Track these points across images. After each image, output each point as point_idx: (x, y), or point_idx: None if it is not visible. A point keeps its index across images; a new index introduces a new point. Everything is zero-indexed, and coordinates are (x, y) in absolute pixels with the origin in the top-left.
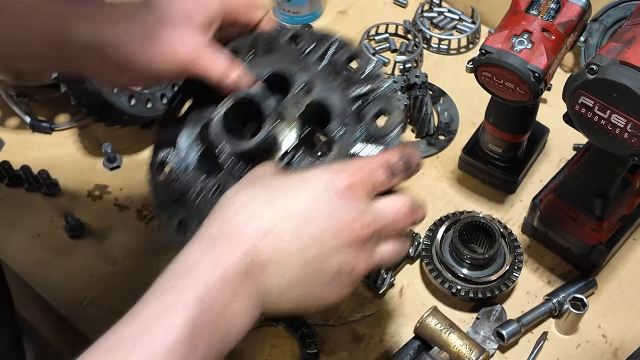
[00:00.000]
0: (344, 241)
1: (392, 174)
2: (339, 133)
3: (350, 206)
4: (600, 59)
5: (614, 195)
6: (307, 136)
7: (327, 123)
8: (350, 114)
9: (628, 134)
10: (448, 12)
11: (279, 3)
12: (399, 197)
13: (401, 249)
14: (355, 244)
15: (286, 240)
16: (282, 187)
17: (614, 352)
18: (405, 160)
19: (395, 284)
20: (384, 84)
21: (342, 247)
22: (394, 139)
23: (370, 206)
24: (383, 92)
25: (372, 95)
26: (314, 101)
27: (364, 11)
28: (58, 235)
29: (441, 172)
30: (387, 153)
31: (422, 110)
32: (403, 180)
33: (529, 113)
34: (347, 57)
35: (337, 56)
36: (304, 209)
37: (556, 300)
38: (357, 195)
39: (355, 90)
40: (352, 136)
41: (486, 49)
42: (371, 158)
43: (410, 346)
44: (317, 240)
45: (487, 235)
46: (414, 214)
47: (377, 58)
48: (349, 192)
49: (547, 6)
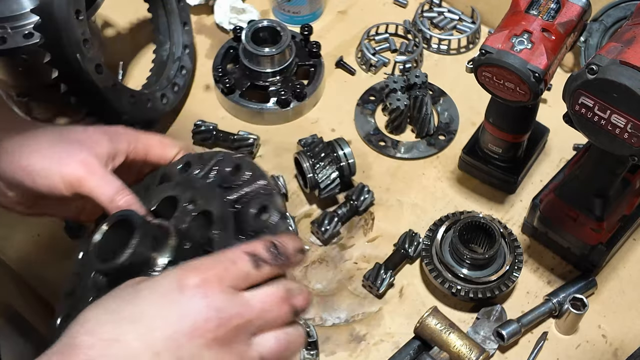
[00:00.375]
0: (201, 342)
1: (258, 264)
2: (216, 236)
3: (202, 304)
4: (600, 59)
5: (614, 195)
6: (189, 250)
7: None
8: (229, 216)
9: (628, 134)
10: (448, 12)
11: (279, 3)
12: (269, 286)
13: (289, 339)
14: (217, 343)
15: (135, 347)
16: (132, 293)
17: (614, 352)
18: (274, 248)
19: (395, 284)
20: (261, 182)
21: (201, 348)
22: (273, 228)
23: (233, 301)
24: (259, 190)
25: (249, 195)
26: (199, 211)
27: (364, 11)
28: (58, 236)
29: (441, 172)
30: (251, 243)
31: (422, 110)
32: (282, 269)
33: (529, 113)
34: (232, 167)
35: (222, 169)
36: (152, 312)
37: (556, 300)
38: (211, 291)
39: (233, 194)
40: (231, 237)
41: (486, 49)
42: (231, 250)
43: (410, 346)
44: (170, 345)
45: (487, 235)
46: (289, 300)
47: (377, 58)
48: (201, 288)
49: (547, 6)
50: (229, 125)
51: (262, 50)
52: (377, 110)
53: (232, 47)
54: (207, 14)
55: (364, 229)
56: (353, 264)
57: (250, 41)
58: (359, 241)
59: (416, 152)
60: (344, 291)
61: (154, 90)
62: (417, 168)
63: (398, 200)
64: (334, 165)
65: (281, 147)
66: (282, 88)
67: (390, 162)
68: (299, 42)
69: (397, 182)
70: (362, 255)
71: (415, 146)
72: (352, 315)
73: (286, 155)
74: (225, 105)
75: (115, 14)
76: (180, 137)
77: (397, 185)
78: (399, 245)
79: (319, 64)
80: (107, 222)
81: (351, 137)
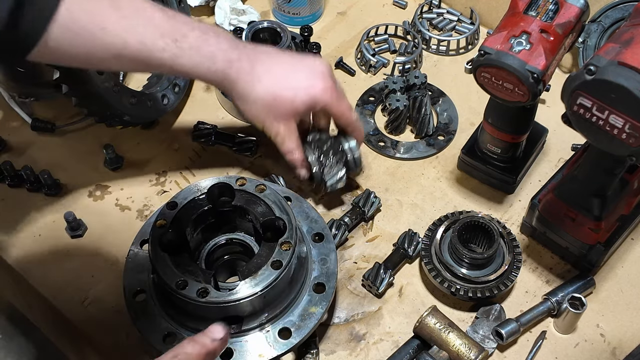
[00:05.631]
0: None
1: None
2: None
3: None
4: (598, 60)
5: (612, 195)
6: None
7: None
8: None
9: (626, 134)
10: (447, 13)
11: (279, 4)
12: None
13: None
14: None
15: None
16: None
17: (612, 351)
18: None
19: (395, 283)
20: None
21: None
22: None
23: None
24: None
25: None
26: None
27: (363, 12)
28: (59, 235)
29: (440, 172)
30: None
31: (422, 111)
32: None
33: (527, 113)
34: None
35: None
36: None
37: (555, 299)
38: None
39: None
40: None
41: (485, 50)
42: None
43: (410, 345)
44: None
45: (486, 235)
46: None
47: (376, 59)
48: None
49: (546, 7)
50: (229, 126)
51: None
52: (376, 111)
53: None
54: (208, 15)
55: (363, 228)
56: (353, 263)
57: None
58: (359, 241)
59: (415, 152)
60: (344, 290)
61: (155, 90)
62: (416, 168)
63: (397, 200)
64: (342, 163)
65: None
66: None
67: (389, 162)
68: (299, 43)
69: (397, 182)
70: (362, 254)
71: (415, 146)
72: (352, 315)
73: None
74: (225, 106)
75: None
76: (181, 137)
77: (397, 185)
78: (398, 244)
79: None
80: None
81: None
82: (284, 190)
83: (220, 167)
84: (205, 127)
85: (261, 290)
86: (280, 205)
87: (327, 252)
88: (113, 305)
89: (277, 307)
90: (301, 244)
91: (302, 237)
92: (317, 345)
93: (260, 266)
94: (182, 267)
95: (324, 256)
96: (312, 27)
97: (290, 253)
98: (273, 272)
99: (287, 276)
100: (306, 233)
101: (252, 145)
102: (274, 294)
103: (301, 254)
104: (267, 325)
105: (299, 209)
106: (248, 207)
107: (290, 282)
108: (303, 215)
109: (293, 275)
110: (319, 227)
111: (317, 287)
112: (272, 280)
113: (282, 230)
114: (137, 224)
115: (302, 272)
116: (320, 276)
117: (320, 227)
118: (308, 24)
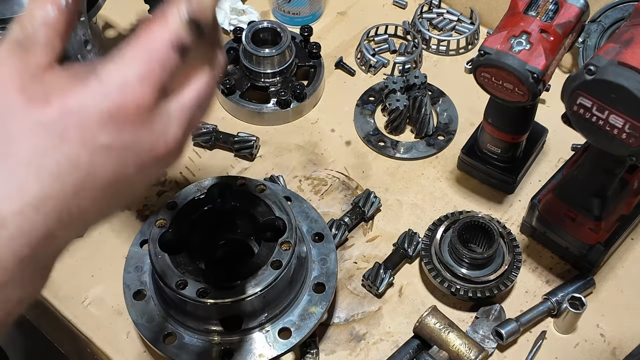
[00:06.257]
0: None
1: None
2: None
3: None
4: (598, 60)
5: (612, 195)
6: None
7: None
8: None
9: (626, 134)
10: (447, 13)
11: (279, 4)
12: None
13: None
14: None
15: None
16: None
17: (612, 351)
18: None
19: (395, 283)
20: None
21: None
22: None
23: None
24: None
25: None
26: None
27: (363, 12)
28: None
29: (440, 172)
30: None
31: (422, 111)
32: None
33: (527, 113)
34: None
35: None
36: None
37: (555, 299)
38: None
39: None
40: None
41: (485, 50)
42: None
43: (410, 345)
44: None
45: (486, 235)
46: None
47: (376, 59)
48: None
49: (546, 7)
50: (229, 125)
51: (262, 51)
52: (376, 111)
53: (233, 48)
54: None
55: (363, 228)
56: (353, 263)
57: (251, 42)
58: (359, 241)
59: (415, 152)
60: (344, 290)
61: None
62: (416, 168)
63: (397, 200)
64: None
65: (281, 147)
66: (282, 89)
67: (389, 162)
68: (298, 43)
69: (397, 182)
70: (362, 254)
71: (415, 146)
72: (352, 315)
73: (286, 156)
74: (225, 105)
75: (116, 15)
76: None
77: (397, 185)
78: (398, 244)
79: (319, 64)
80: None
81: (351, 138)
82: (284, 190)
83: (220, 167)
84: (205, 127)
85: (261, 290)
86: (280, 205)
87: (327, 252)
88: (113, 305)
89: (277, 307)
90: (301, 243)
91: (302, 237)
92: (317, 345)
93: (260, 266)
94: (182, 267)
95: (324, 256)
96: (312, 27)
97: (290, 253)
98: (273, 272)
99: (287, 276)
100: (306, 233)
101: (252, 145)
102: (273, 293)
103: (301, 254)
104: (267, 325)
105: (299, 209)
106: (248, 207)
107: (290, 282)
108: (303, 215)
109: (293, 275)
110: (319, 227)
111: (317, 287)
112: (272, 280)
113: (282, 230)
114: (137, 224)
115: (302, 272)
116: (320, 276)
117: (320, 227)
118: (308, 24)
